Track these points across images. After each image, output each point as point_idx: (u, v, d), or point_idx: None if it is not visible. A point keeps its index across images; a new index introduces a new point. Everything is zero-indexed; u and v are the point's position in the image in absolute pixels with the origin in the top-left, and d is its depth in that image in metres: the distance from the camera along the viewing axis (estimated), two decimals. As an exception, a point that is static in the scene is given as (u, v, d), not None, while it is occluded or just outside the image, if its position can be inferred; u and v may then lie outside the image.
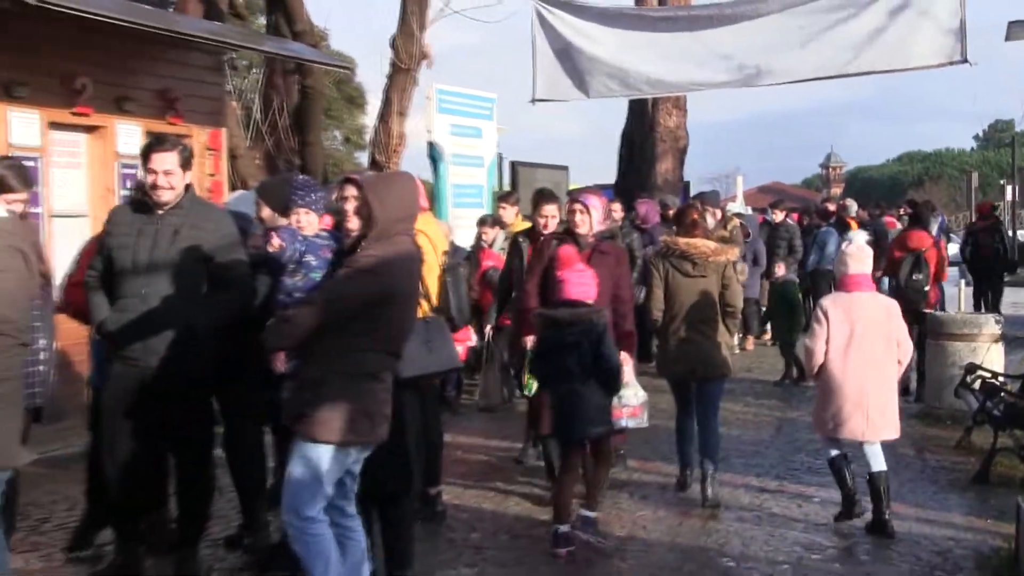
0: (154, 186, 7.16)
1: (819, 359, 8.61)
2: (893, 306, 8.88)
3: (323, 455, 6.03)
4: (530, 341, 8.87)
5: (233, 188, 13.99)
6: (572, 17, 16.02)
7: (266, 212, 7.66)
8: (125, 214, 7.48)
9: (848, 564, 7.78)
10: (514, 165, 20.14)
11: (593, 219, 8.65)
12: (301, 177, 8.25)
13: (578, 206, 8.70)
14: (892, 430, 8.66)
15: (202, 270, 7.15)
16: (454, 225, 14.26)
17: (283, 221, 7.33)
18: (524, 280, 9.19)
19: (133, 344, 7.22)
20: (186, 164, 7.30)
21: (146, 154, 7.33)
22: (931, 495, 9.56)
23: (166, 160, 7.15)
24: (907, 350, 8.88)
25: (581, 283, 8.13)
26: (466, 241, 13.94)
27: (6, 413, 6.04)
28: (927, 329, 13.37)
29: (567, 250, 8.69)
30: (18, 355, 6.13)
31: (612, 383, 8.08)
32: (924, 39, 13.83)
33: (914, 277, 13.87)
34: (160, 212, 7.21)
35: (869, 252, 8.87)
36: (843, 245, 9.20)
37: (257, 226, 7.76)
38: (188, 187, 7.41)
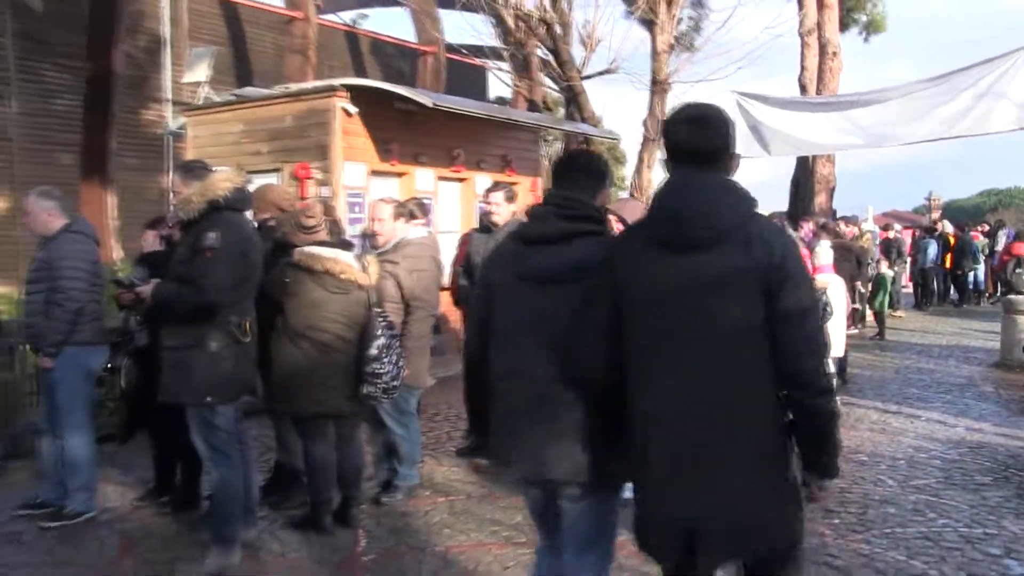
0: (488, 213, 7.34)
1: None
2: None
3: None
4: None
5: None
6: (760, 104, 15.65)
7: None
8: (477, 233, 7.67)
9: (945, 461, 7.37)
10: (720, 199, 19.89)
11: None
12: None
13: None
14: None
15: None
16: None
17: None
18: None
19: None
20: (508, 199, 7.40)
21: (485, 194, 7.55)
22: (1005, 418, 8.97)
23: (494, 198, 7.30)
24: None
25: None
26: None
27: (421, 353, 6.26)
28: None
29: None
30: (429, 322, 6.39)
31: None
32: (1000, 112, 13.03)
33: (1016, 271, 14.93)
34: (494, 230, 7.34)
35: (831, 253, 8.96)
36: (816, 248, 9.05)
37: None
38: (513, 213, 7.51)
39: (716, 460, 2.78)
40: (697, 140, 2.96)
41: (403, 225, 6.40)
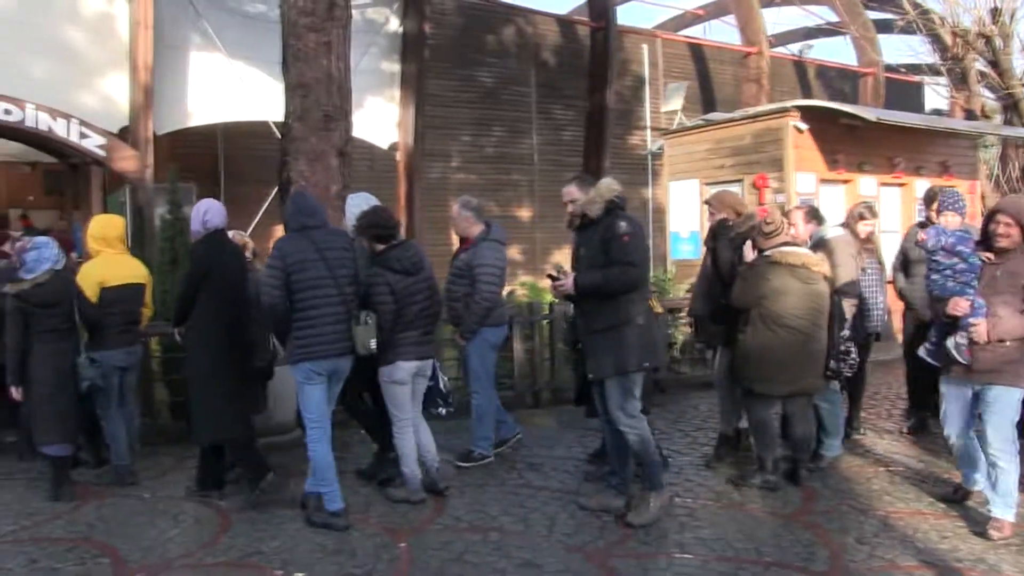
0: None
1: None
2: None
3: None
4: None
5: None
6: None
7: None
8: (914, 228, 6.77)
9: None
10: None
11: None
12: (949, 190, 6.27)
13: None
14: None
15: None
16: None
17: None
18: None
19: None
20: (928, 202, 6.28)
21: (927, 200, 6.45)
22: None
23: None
24: None
25: None
26: None
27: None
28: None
29: None
30: (851, 309, 5.83)
31: None
32: None
33: None
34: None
35: None
36: None
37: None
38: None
39: None
40: None
41: (814, 227, 6.17)
